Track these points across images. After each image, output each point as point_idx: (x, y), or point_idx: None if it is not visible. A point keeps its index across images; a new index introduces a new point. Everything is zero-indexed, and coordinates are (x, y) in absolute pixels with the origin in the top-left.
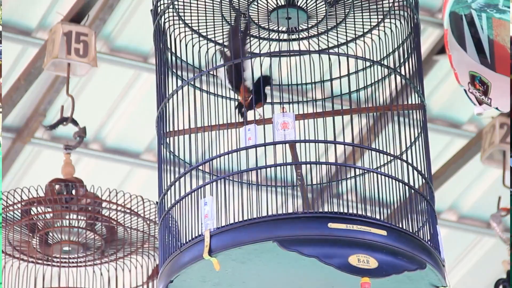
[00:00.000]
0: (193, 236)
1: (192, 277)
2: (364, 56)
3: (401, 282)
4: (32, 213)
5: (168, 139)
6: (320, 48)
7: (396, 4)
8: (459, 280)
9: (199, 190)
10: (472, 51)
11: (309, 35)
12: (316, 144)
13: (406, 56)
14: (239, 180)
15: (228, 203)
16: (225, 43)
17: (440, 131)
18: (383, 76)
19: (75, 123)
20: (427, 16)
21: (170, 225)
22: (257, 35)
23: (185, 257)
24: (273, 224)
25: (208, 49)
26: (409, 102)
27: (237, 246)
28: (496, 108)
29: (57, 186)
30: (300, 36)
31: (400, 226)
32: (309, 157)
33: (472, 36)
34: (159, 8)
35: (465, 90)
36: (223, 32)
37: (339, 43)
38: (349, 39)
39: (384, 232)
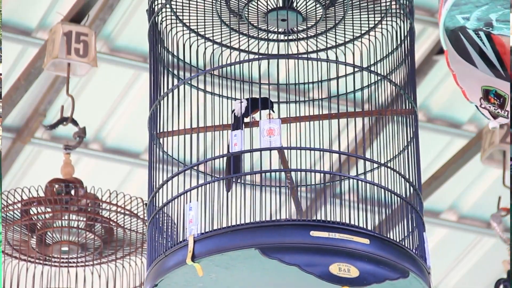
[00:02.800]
0: (180, 240)
1: (176, 281)
2: (357, 60)
3: None
4: (32, 213)
5: (159, 139)
6: (308, 50)
7: (390, 9)
8: (459, 280)
9: (186, 194)
10: (483, 66)
11: (301, 37)
12: (306, 151)
13: (399, 62)
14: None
15: (213, 207)
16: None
17: (440, 131)
18: (369, 82)
19: (75, 123)
20: (427, 16)
21: (159, 226)
22: (253, 36)
23: (170, 262)
24: (256, 231)
25: (198, 47)
26: (400, 108)
27: (220, 252)
28: None
29: (56, 186)
30: (294, 38)
31: (388, 234)
32: (302, 163)
33: (477, 52)
34: (155, 7)
35: (476, 106)
36: (213, 29)
37: (328, 46)
38: (341, 42)
39: (366, 241)
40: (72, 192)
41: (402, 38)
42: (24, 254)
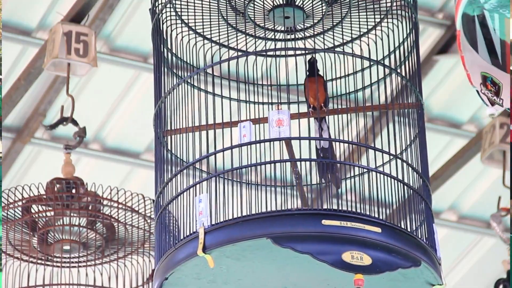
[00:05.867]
0: (188, 233)
1: (186, 274)
2: (363, 56)
3: (397, 280)
4: (33, 211)
5: (165, 137)
6: (314, 48)
7: (394, 3)
8: (459, 280)
9: (195, 187)
10: (484, 52)
11: (307, 34)
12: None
13: (405, 56)
14: (233, 179)
15: (223, 200)
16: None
17: (440, 131)
18: (378, 77)
19: (75, 123)
20: (427, 16)
21: (166, 222)
22: (254, 34)
23: (180, 254)
24: (267, 221)
25: (196, 45)
26: (407, 102)
27: (231, 243)
28: (508, 109)
29: (57, 185)
30: (299, 36)
31: (397, 224)
32: (309, 156)
33: (484, 36)
34: (157, 8)
35: (477, 91)
36: (214, 28)
37: (336, 43)
38: (348, 39)
39: (378, 229)
40: (73, 190)
41: (408, 32)
42: (26, 253)
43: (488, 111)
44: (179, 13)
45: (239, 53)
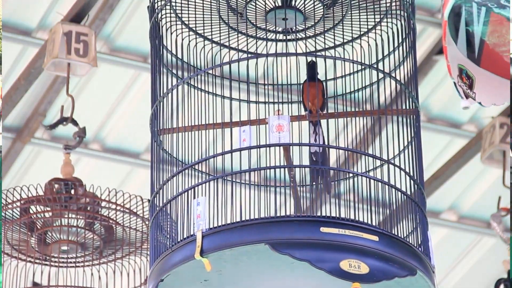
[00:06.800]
0: (185, 236)
1: (182, 277)
2: (359, 59)
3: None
4: (31, 211)
5: (161, 137)
6: (316, 49)
7: (393, 7)
8: (460, 280)
9: (192, 190)
10: (462, 44)
11: (306, 36)
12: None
13: (401, 60)
14: (233, 180)
15: (222, 203)
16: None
17: (440, 131)
18: (376, 79)
19: (75, 123)
20: (427, 16)
21: (161, 224)
22: (254, 35)
23: (177, 257)
24: (265, 226)
25: (204, 48)
26: (404, 107)
27: (229, 248)
28: (480, 103)
29: (56, 185)
30: (297, 37)
31: (392, 231)
32: (305, 161)
33: (466, 30)
34: (156, 5)
35: (454, 83)
36: (214, 29)
37: (335, 44)
38: (345, 41)
39: (376, 238)
40: (72, 191)
41: (404, 36)
42: (24, 253)
43: (462, 104)
44: (179, 14)
45: (240, 54)
